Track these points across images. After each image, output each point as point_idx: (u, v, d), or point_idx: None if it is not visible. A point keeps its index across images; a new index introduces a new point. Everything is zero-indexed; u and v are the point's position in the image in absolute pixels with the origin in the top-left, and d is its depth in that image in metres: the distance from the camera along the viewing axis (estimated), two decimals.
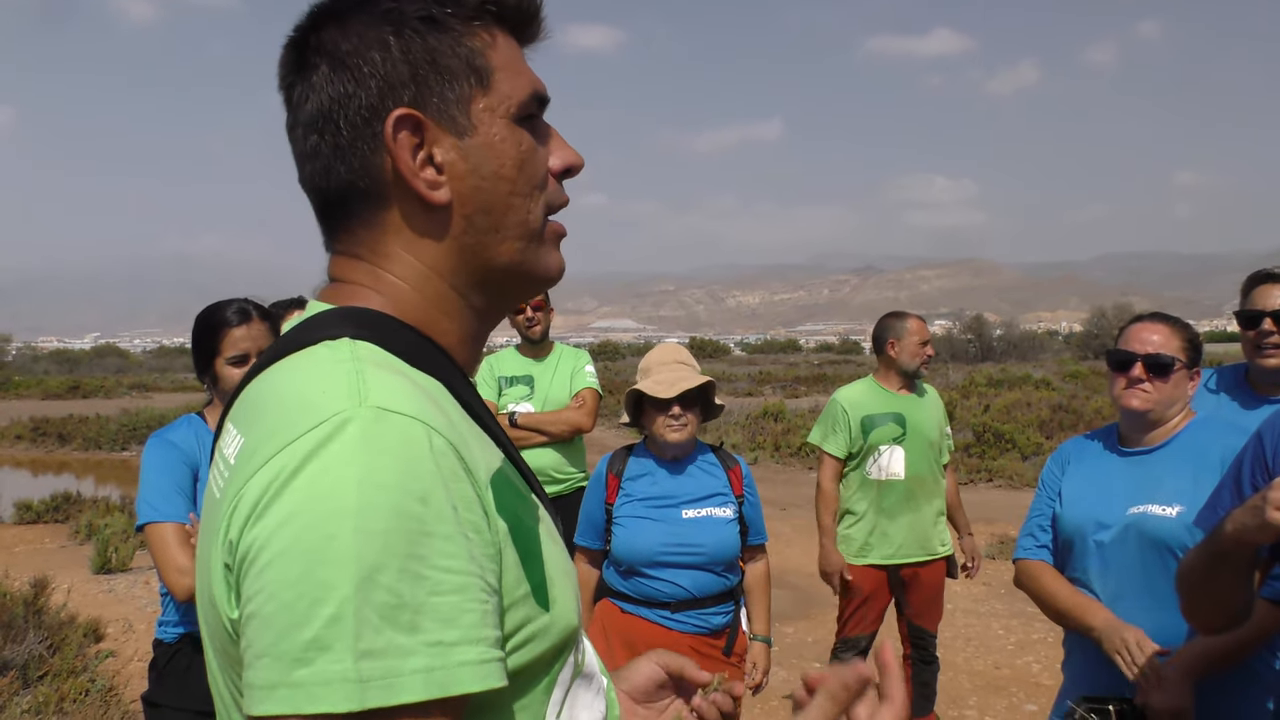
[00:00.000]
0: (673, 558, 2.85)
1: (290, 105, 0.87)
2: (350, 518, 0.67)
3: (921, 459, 4.06)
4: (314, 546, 0.66)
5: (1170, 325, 2.37)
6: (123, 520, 9.36)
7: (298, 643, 0.65)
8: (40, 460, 18.23)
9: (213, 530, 0.76)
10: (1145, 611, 2.22)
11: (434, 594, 0.67)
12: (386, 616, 0.66)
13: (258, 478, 0.71)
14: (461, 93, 0.84)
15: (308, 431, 0.70)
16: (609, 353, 51.48)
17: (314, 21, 0.86)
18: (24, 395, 31.34)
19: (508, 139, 0.86)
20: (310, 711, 0.65)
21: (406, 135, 0.82)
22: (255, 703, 0.67)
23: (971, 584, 7.04)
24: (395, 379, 0.76)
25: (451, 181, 0.84)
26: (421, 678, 0.66)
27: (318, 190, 0.87)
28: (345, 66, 0.82)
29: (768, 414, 18.42)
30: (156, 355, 63.66)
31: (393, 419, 0.71)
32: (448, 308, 0.88)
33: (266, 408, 0.77)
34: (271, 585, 0.67)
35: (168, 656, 2.47)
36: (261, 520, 0.69)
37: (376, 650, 0.65)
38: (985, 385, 22.91)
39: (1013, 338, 42.00)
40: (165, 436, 2.48)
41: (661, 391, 2.85)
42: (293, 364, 0.81)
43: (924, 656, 4.17)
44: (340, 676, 0.64)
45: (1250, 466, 1.84)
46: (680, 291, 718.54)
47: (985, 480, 12.70)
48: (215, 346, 2.47)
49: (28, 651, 4.81)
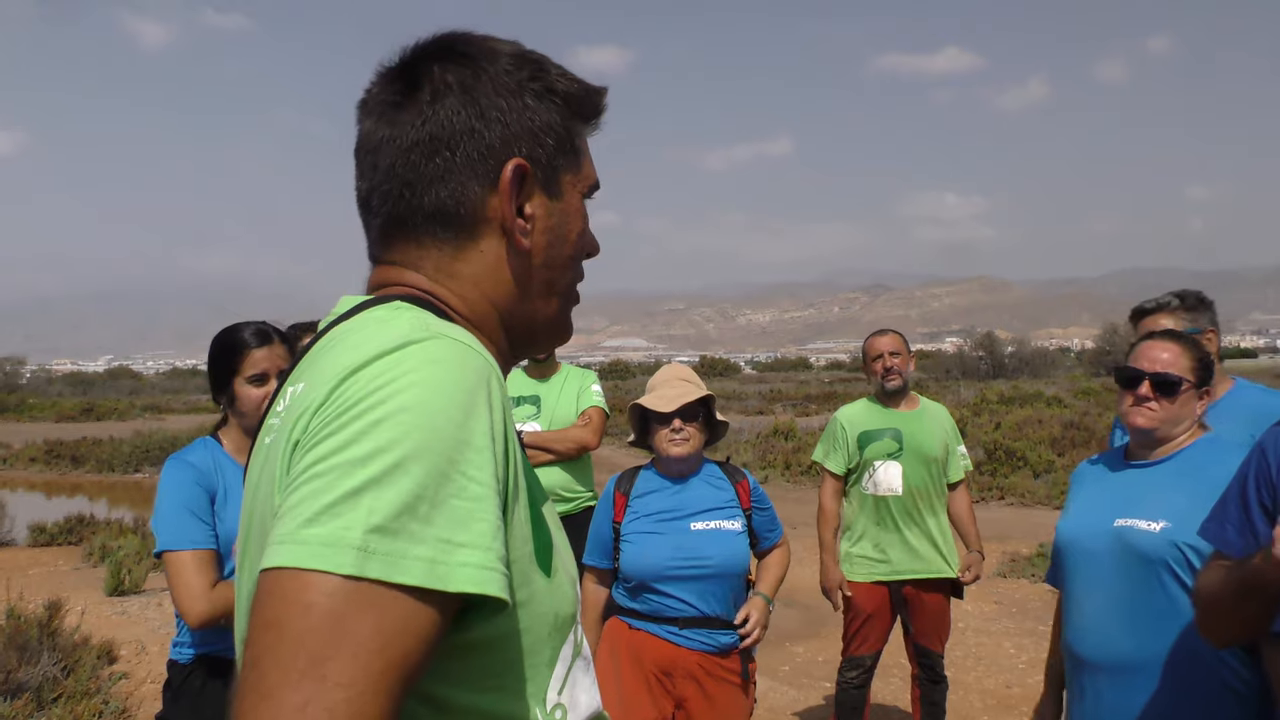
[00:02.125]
0: (681, 571, 2.86)
1: (386, 122, 0.91)
2: (398, 411, 0.73)
3: (920, 475, 4.07)
4: (359, 429, 0.73)
5: (1180, 344, 2.37)
6: (136, 542, 9.40)
7: (316, 506, 0.70)
8: (54, 482, 18.31)
9: (268, 472, 0.82)
10: (1125, 624, 2.25)
11: (455, 497, 0.73)
12: (406, 504, 0.70)
13: (326, 385, 0.77)
14: (563, 162, 0.95)
15: (378, 356, 0.77)
16: (619, 372, 51.50)
17: (435, 55, 0.92)
18: (38, 418, 31.50)
19: (580, 212, 0.98)
20: (307, 566, 0.68)
21: (516, 182, 0.91)
22: (266, 557, 0.71)
23: (982, 602, 7.02)
24: (458, 329, 0.84)
25: (534, 234, 0.93)
26: (424, 566, 0.70)
27: (399, 206, 0.92)
28: (477, 104, 0.90)
29: (778, 432, 18.40)
30: (169, 377, 63.93)
31: (456, 345, 0.80)
32: (491, 334, 0.96)
33: (326, 356, 0.84)
34: (312, 455, 0.73)
35: (182, 677, 2.49)
36: (326, 408, 0.76)
37: (388, 529, 0.69)
38: (997, 402, 22.83)
39: (1024, 354, 41.86)
40: (184, 458, 2.51)
41: (662, 406, 2.90)
42: (355, 323, 0.88)
43: (931, 676, 4.16)
44: (345, 542, 0.69)
45: (1255, 482, 1.85)
46: (690, 310, 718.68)
47: (997, 498, 12.64)
48: (235, 366, 2.50)
49: (42, 673, 4.84)
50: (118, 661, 5.85)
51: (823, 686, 5.41)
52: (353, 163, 0.96)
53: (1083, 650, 2.35)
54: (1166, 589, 2.19)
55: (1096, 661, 2.31)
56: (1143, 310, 3.18)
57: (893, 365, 4.10)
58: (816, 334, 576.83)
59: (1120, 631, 2.25)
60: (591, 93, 0.98)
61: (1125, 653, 2.25)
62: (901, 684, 5.10)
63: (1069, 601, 2.43)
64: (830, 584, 4.15)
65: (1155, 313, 3.12)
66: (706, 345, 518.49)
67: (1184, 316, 3.10)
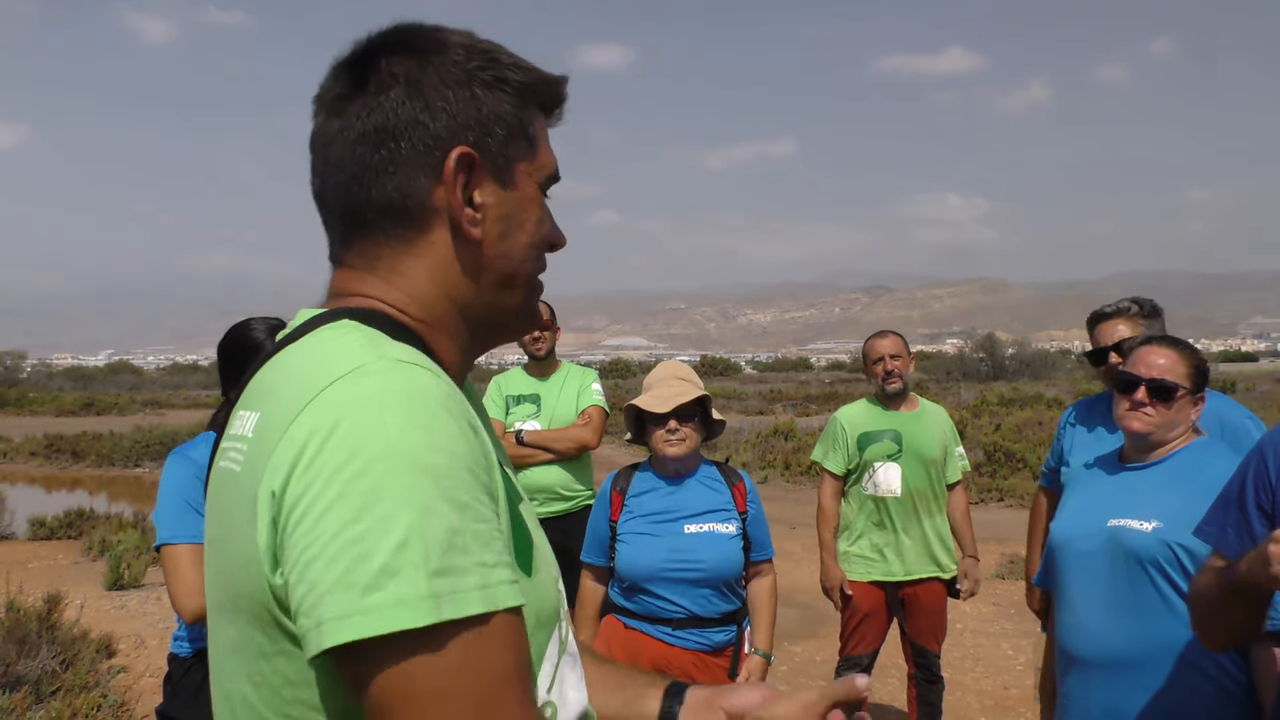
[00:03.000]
0: (674, 573, 2.86)
1: (336, 115, 0.91)
2: (399, 458, 0.73)
3: (918, 476, 4.08)
4: (370, 487, 0.72)
5: (1178, 350, 2.40)
6: (135, 537, 9.41)
7: (368, 572, 0.71)
8: (54, 477, 18.33)
9: (237, 504, 0.81)
10: (1115, 621, 2.27)
11: (475, 521, 0.75)
12: (447, 540, 0.72)
13: (293, 431, 0.76)
14: (514, 151, 0.93)
15: (331, 385, 0.77)
16: (619, 371, 51.50)
17: (384, 47, 0.92)
18: (38, 412, 31.52)
19: (535, 201, 0.96)
20: (387, 631, 0.70)
21: (461, 171, 0.90)
22: (328, 635, 0.71)
23: (981, 604, 7.02)
24: (407, 348, 0.84)
25: (485, 223, 0.92)
26: (480, 593, 0.73)
27: (350, 200, 0.91)
28: (422, 95, 0.89)
29: (778, 432, 18.41)
30: (170, 372, 63.94)
31: (409, 368, 0.79)
32: (450, 329, 0.94)
33: (279, 382, 0.83)
34: (332, 527, 0.72)
35: (183, 671, 2.50)
36: (310, 470, 0.74)
37: (444, 569, 0.72)
38: (997, 404, 22.84)
39: (1025, 356, 41.86)
40: (186, 453, 2.51)
41: (657, 406, 2.89)
42: (303, 345, 0.87)
43: (928, 676, 4.17)
44: (415, 594, 0.70)
45: (1254, 485, 1.86)
46: (691, 309, 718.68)
47: (996, 500, 12.65)
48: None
49: (41, 667, 4.85)
50: (116, 655, 5.86)
51: (820, 686, 5.41)
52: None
53: (1074, 648, 2.38)
54: (1158, 588, 2.22)
55: (1088, 659, 2.34)
56: (1101, 315, 3.25)
57: (893, 368, 4.11)
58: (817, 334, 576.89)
59: (1112, 630, 2.28)
60: (548, 82, 0.96)
61: (1116, 651, 2.27)
62: (899, 684, 5.11)
63: (1062, 600, 2.46)
64: (830, 583, 4.17)
65: (1113, 318, 3.20)
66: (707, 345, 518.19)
67: (1141, 323, 3.17)
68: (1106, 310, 3.22)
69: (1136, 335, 3.09)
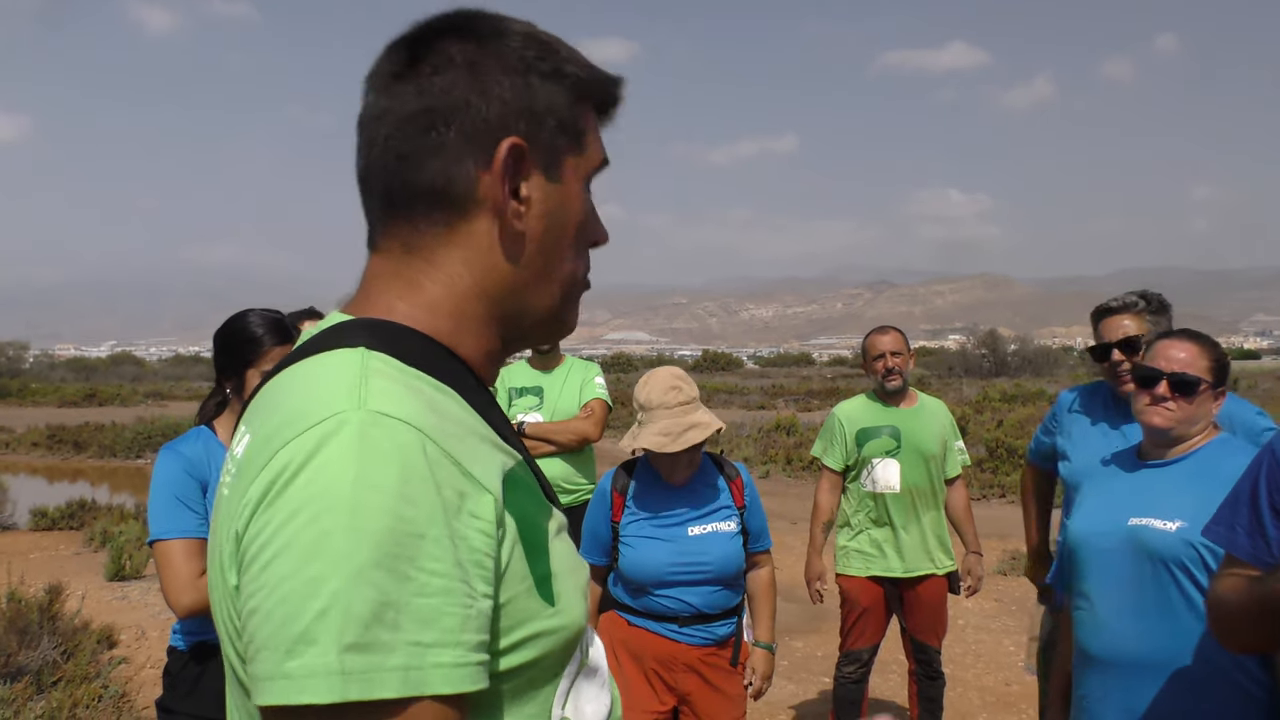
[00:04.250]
0: (681, 576, 2.85)
1: (386, 94, 0.88)
2: (344, 516, 0.69)
3: (917, 472, 4.06)
4: (309, 543, 0.69)
5: (1198, 344, 2.34)
6: (137, 528, 9.41)
7: (289, 635, 0.68)
8: (56, 467, 18.35)
9: (224, 528, 0.80)
10: (1136, 622, 2.23)
11: (418, 595, 0.70)
12: (373, 613, 0.68)
13: (263, 474, 0.74)
14: (564, 144, 0.91)
15: (306, 430, 0.74)
16: (621, 365, 51.49)
17: (442, 29, 0.89)
18: (41, 403, 31.55)
19: (581, 197, 0.93)
20: (298, 702, 0.67)
21: (511, 162, 0.87)
22: (258, 693, 0.70)
23: (983, 599, 7.01)
24: (396, 386, 0.78)
25: (529, 217, 0.89)
26: (399, 675, 0.68)
27: (392, 181, 0.88)
28: (478, 80, 0.86)
29: (780, 427, 18.41)
30: (172, 364, 63.90)
31: (388, 423, 0.74)
32: (477, 328, 0.91)
33: (273, 408, 0.81)
34: (270, 579, 0.70)
35: (181, 663, 2.49)
36: (264, 515, 0.72)
37: (360, 645, 0.68)
38: (999, 400, 22.83)
39: (1027, 353, 41.86)
40: (176, 448, 2.50)
41: (669, 446, 2.75)
42: (304, 368, 0.83)
43: (929, 672, 4.17)
44: (325, 669, 0.67)
45: (1267, 485, 1.84)
46: (693, 304, 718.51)
47: (998, 495, 12.64)
48: (250, 359, 2.48)
49: (42, 657, 4.86)
50: (117, 646, 5.86)
51: (822, 681, 5.41)
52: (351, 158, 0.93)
53: (1093, 648, 2.33)
54: (1181, 588, 2.17)
55: (1107, 660, 2.29)
56: (1107, 309, 3.14)
57: (894, 365, 4.09)
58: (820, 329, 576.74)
59: (1132, 630, 2.23)
60: (604, 80, 0.94)
61: (1136, 652, 2.23)
62: (900, 680, 5.11)
63: (1080, 600, 2.41)
64: (809, 575, 4.20)
65: (1119, 312, 3.09)
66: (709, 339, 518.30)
67: (1148, 318, 3.06)
68: (1113, 305, 3.12)
69: (1143, 331, 3.02)
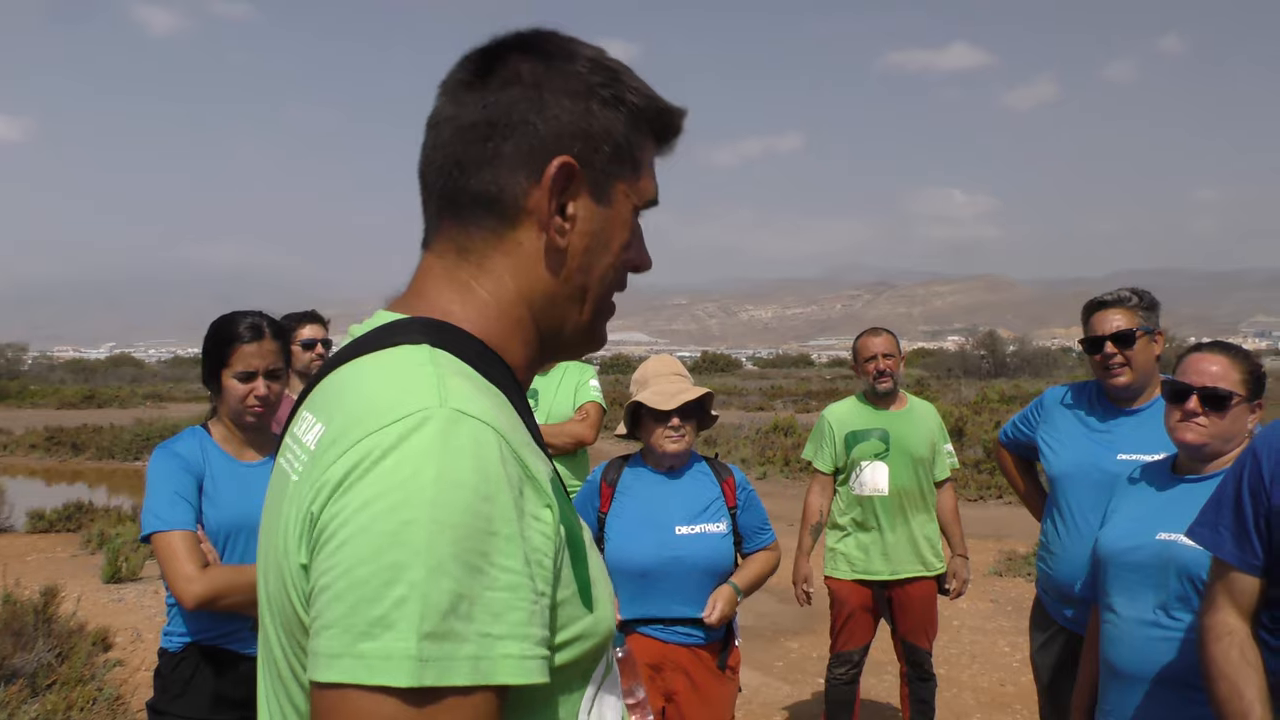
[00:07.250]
0: (665, 573, 2.86)
1: (454, 101, 0.94)
2: (427, 508, 0.73)
3: (906, 475, 4.06)
4: (390, 530, 0.72)
5: (1230, 356, 2.29)
6: (134, 530, 9.42)
7: (366, 618, 0.71)
8: (54, 469, 18.34)
9: (288, 509, 0.83)
10: (1164, 637, 2.21)
11: (489, 589, 0.73)
12: (450, 604, 0.71)
13: (344, 459, 0.77)
14: (616, 170, 0.95)
15: (393, 423, 0.77)
16: (620, 365, 51.45)
17: (516, 46, 0.94)
18: (39, 404, 31.52)
19: (629, 224, 0.98)
20: (369, 683, 0.70)
21: (560, 179, 0.91)
22: (319, 670, 0.72)
23: (978, 600, 7.02)
24: (470, 386, 0.83)
25: (572, 234, 0.93)
26: (470, 664, 0.72)
27: (448, 183, 0.93)
28: (538, 97, 0.91)
29: (778, 428, 18.41)
30: (171, 365, 63.83)
31: (469, 422, 0.78)
32: (523, 335, 0.95)
33: (348, 398, 0.84)
34: (346, 561, 0.73)
35: (172, 665, 2.50)
36: (344, 498, 0.75)
37: (438, 634, 0.71)
38: (998, 401, 22.82)
39: (1026, 354, 41.83)
40: (170, 448, 2.52)
41: (661, 403, 2.87)
42: (374, 360, 0.87)
43: (920, 674, 4.17)
44: (403, 653, 0.70)
45: (1249, 487, 1.85)
46: (693, 305, 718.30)
47: (995, 496, 12.65)
48: (224, 359, 2.50)
49: (37, 660, 4.86)
50: (113, 648, 5.86)
51: (816, 682, 5.42)
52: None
53: (1119, 662, 2.31)
54: None
55: (1133, 674, 2.27)
56: (1099, 303, 3.15)
57: (885, 367, 4.09)
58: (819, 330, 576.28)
59: (1159, 646, 2.21)
60: (665, 111, 0.98)
61: (1162, 667, 2.21)
62: (893, 681, 5.11)
63: (1108, 614, 2.38)
64: (795, 577, 4.21)
65: (1110, 307, 3.10)
66: (708, 340, 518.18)
67: (1139, 314, 3.07)
68: (1105, 299, 3.14)
69: (1134, 326, 3.04)
